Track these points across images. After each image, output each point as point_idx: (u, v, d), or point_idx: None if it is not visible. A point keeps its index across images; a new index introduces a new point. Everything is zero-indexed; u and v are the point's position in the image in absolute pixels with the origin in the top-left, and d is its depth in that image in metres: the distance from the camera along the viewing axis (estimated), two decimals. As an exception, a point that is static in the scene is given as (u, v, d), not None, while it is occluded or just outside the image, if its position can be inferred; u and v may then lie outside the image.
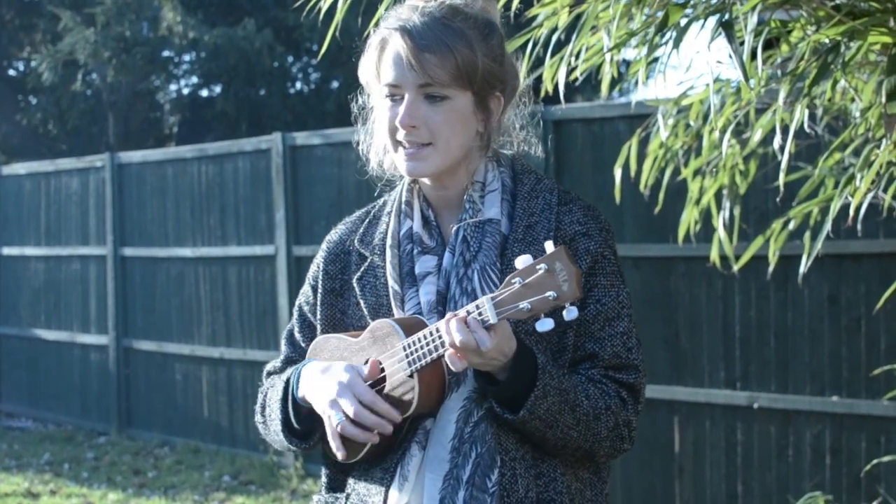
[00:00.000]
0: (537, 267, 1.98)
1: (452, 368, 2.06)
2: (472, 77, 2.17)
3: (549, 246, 2.00)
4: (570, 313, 1.99)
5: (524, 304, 1.98)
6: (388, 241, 2.30)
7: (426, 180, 2.29)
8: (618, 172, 4.70)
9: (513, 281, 2.00)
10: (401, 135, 2.21)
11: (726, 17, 2.83)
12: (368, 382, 2.16)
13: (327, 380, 2.19)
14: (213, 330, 9.38)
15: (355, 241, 2.37)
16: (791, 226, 4.16)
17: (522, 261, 2.00)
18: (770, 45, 3.59)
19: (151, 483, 8.60)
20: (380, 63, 2.22)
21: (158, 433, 9.99)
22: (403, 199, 2.33)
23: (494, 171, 2.28)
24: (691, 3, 3.13)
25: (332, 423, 2.15)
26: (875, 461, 5.41)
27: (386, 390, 2.16)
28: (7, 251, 11.71)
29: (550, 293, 1.96)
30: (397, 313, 2.24)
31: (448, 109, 2.18)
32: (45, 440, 10.42)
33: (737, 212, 4.53)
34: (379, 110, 2.26)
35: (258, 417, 2.43)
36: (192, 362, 9.61)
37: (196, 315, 9.55)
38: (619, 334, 2.21)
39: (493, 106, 2.25)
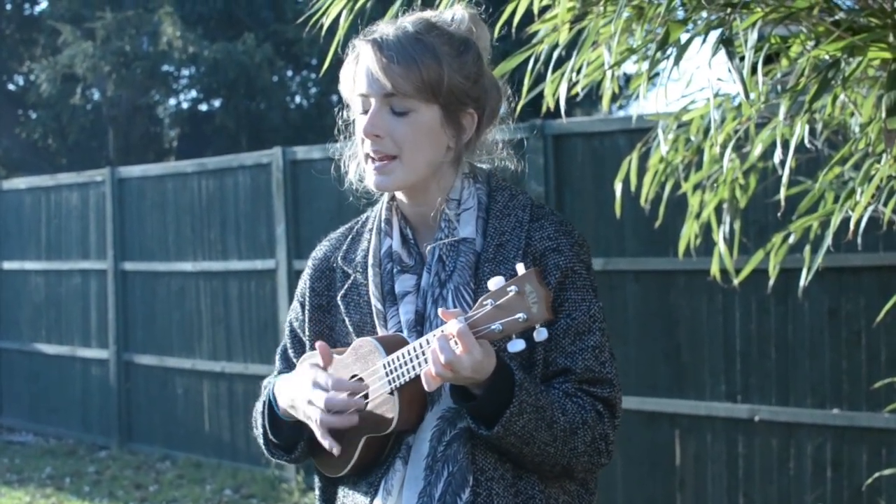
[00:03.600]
0: (508, 289, 1.99)
1: (426, 388, 2.07)
2: (437, 90, 2.18)
3: (521, 268, 2.00)
4: (540, 334, 2.00)
5: (496, 326, 1.99)
6: (370, 260, 2.32)
7: (403, 198, 2.30)
8: (618, 187, 4.71)
9: (485, 302, 2.01)
10: (368, 146, 2.23)
11: (726, 33, 2.85)
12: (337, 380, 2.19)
13: (297, 386, 2.23)
14: (214, 344, 9.39)
15: (339, 258, 2.38)
16: (791, 240, 4.18)
17: (495, 282, 2.01)
18: (770, 59, 3.61)
19: (153, 497, 8.60)
20: (355, 74, 2.25)
21: (160, 447, 9.99)
22: (383, 216, 2.34)
23: (470, 188, 2.29)
24: (692, 19, 3.15)
25: (315, 422, 2.18)
26: (877, 474, 5.41)
27: (368, 407, 2.19)
28: (7, 265, 11.72)
29: (521, 315, 1.98)
30: (380, 331, 2.26)
31: (412, 121, 2.19)
32: (47, 454, 10.42)
33: (737, 226, 4.55)
34: (357, 125, 2.29)
35: (254, 430, 2.47)
36: (193, 376, 9.61)
37: (197, 329, 9.56)
38: (590, 348, 2.19)
39: (464, 122, 2.25)
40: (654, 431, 6.53)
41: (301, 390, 2.21)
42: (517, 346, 2.01)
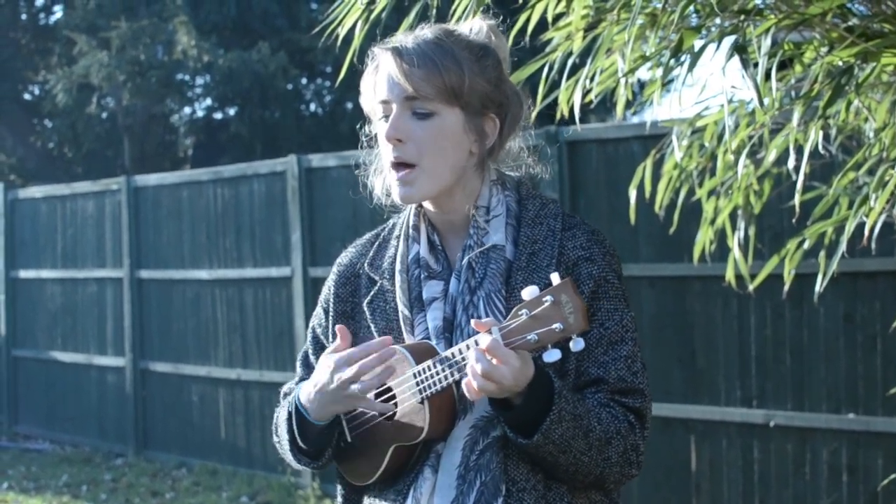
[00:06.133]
0: (544, 299, 1.99)
1: (469, 398, 2.08)
2: (459, 92, 2.18)
3: (556, 278, 2.00)
4: (576, 344, 2.00)
5: (531, 336, 1.99)
6: (398, 266, 2.31)
7: (429, 205, 2.30)
8: (632, 193, 4.72)
9: (520, 312, 2.01)
10: (390, 152, 2.22)
11: (740, 40, 2.86)
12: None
13: (320, 380, 2.21)
14: (230, 351, 9.42)
15: (365, 264, 2.38)
16: (806, 245, 4.18)
17: (529, 292, 2.01)
18: (783, 65, 3.62)
19: (169, 504, 8.64)
20: (375, 83, 2.25)
21: (176, 455, 10.02)
22: (411, 223, 2.34)
23: (499, 195, 2.28)
24: (705, 26, 3.16)
25: (359, 393, 2.16)
26: (892, 477, 5.41)
27: (397, 416, 2.19)
28: (24, 274, 11.77)
29: (557, 325, 1.98)
30: (407, 338, 2.25)
31: (435, 126, 2.19)
32: (63, 462, 10.46)
33: (752, 231, 4.55)
34: (379, 134, 2.28)
35: (274, 438, 2.47)
36: (209, 384, 9.64)
37: (213, 337, 9.59)
38: (622, 358, 2.19)
39: (487, 127, 2.25)
40: (669, 437, 6.53)
41: (323, 376, 2.20)
42: (553, 356, 2.01)
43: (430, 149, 2.20)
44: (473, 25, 2.31)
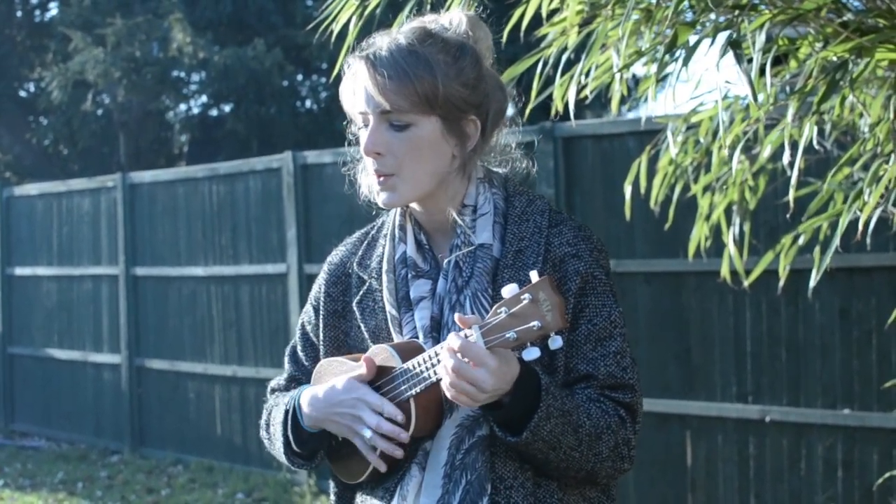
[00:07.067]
0: (522, 297, 1.98)
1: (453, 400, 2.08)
2: (433, 101, 2.16)
3: (534, 276, 1.99)
4: (554, 342, 1.99)
5: (510, 334, 1.98)
6: (385, 266, 2.31)
7: (415, 205, 2.29)
8: (628, 189, 4.72)
9: (499, 310, 2.00)
10: (370, 163, 2.23)
11: (734, 35, 2.86)
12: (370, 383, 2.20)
13: (337, 399, 2.21)
14: (226, 348, 9.42)
15: (354, 263, 2.38)
16: (801, 240, 4.18)
17: (508, 290, 2.00)
18: (778, 61, 3.62)
19: (165, 501, 8.62)
20: (353, 90, 2.24)
21: (172, 451, 10.02)
22: (397, 222, 2.34)
23: (486, 193, 2.27)
24: (700, 21, 3.16)
25: (365, 439, 2.18)
26: (888, 474, 5.42)
27: (384, 414, 2.19)
28: (19, 271, 11.76)
29: (535, 323, 1.97)
30: (396, 338, 2.25)
31: (412, 136, 2.18)
32: (59, 459, 10.46)
33: (747, 227, 4.56)
34: (360, 142, 2.28)
35: (263, 434, 2.46)
36: (205, 381, 9.64)
37: (208, 334, 9.58)
38: (611, 354, 2.18)
39: (467, 129, 2.23)
40: (665, 433, 6.53)
41: (342, 404, 2.20)
42: (532, 354, 2.00)
43: (409, 159, 2.19)
44: (452, 18, 2.28)
